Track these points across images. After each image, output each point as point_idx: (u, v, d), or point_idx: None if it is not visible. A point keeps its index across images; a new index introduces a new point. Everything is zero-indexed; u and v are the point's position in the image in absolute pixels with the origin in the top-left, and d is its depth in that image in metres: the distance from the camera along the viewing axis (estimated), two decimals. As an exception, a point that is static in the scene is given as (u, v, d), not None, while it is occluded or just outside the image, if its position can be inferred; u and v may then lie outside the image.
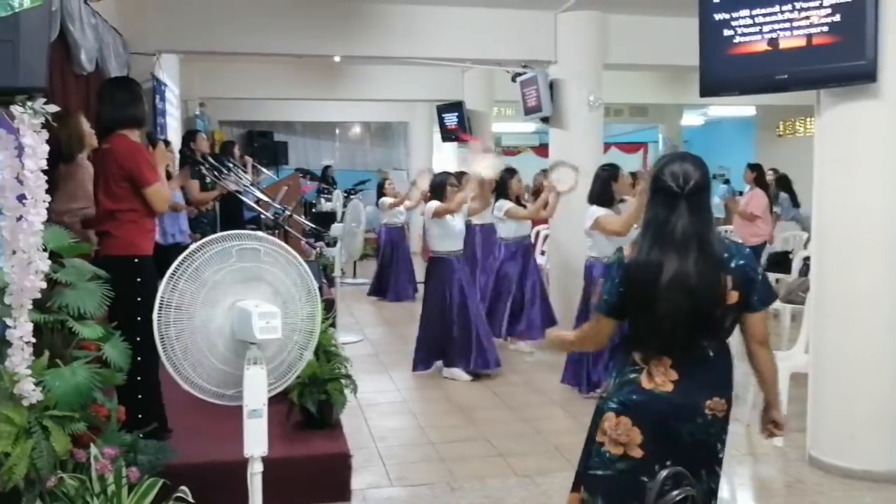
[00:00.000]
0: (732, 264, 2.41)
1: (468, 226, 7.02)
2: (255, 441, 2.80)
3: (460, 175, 6.93)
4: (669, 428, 2.41)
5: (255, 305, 2.74)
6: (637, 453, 2.41)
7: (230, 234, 2.91)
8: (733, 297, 2.40)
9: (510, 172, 7.36)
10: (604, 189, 5.54)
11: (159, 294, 2.72)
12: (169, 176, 4.31)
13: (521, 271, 7.19)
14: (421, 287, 7.25)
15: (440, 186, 6.38)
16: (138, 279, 3.76)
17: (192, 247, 2.83)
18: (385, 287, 10.13)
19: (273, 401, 2.94)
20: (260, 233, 3.12)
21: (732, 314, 2.44)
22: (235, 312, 2.79)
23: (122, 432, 3.21)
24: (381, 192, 10.88)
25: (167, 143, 6.40)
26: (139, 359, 3.66)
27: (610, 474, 2.45)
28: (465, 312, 6.18)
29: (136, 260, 3.79)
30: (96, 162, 3.94)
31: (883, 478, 4.15)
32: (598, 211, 5.46)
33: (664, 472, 2.31)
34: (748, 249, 2.54)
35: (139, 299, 3.70)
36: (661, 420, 2.41)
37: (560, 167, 6.92)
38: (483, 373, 6.24)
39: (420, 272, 8.76)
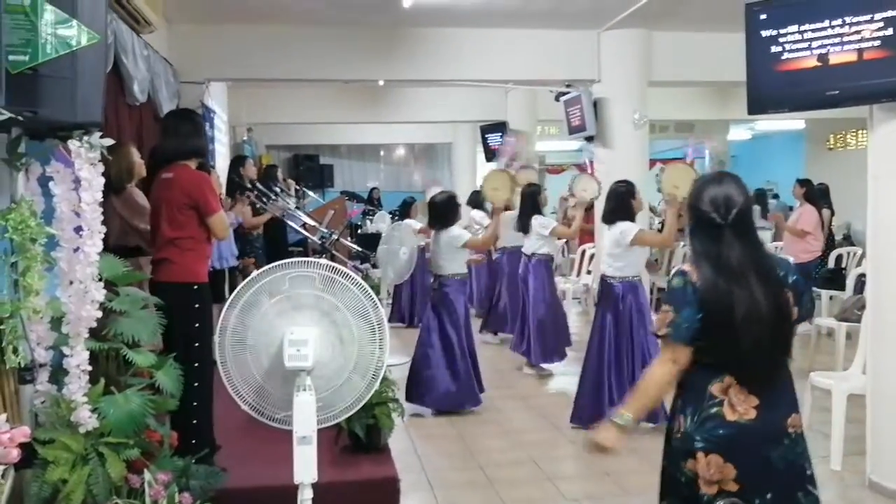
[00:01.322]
0: (790, 280, 2.40)
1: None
2: (305, 468, 2.81)
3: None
4: (761, 456, 2.33)
5: (291, 333, 2.77)
6: (732, 487, 2.32)
7: (287, 263, 2.99)
8: (795, 312, 2.39)
9: (538, 188, 7.56)
10: (624, 204, 5.39)
11: (220, 318, 2.79)
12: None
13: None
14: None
15: (453, 206, 6.13)
16: (196, 305, 3.85)
17: (254, 274, 2.91)
18: (407, 313, 9.63)
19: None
20: (315, 259, 3.18)
21: (794, 329, 2.43)
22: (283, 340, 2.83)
23: (175, 458, 3.26)
24: (406, 213, 9.98)
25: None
26: (196, 385, 3.75)
27: None
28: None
29: (195, 287, 3.87)
30: (158, 191, 3.98)
31: (948, 504, 4.02)
32: (632, 226, 5.30)
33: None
34: (792, 262, 2.51)
35: (197, 325, 3.79)
36: (753, 450, 2.33)
37: (581, 178, 7.12)
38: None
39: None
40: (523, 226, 7.44)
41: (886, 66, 3.99)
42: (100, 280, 2.89)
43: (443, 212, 6.07)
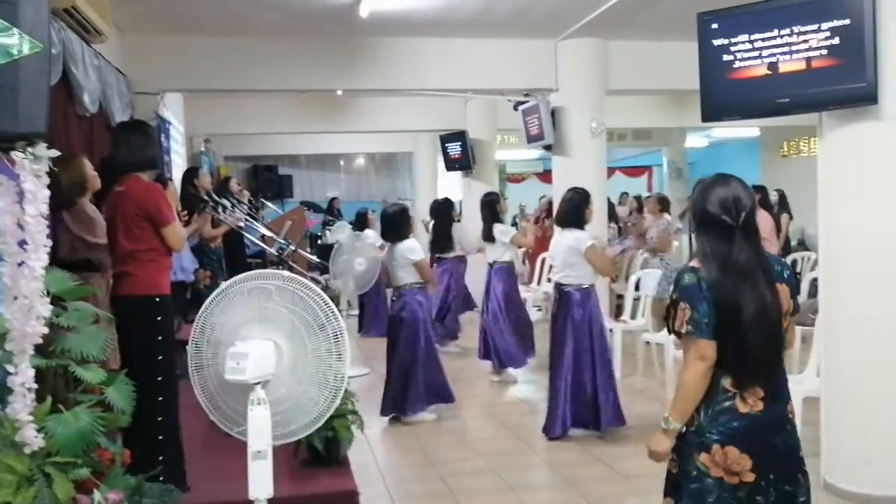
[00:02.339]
0: (785, 275, 2.49)
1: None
2: (261, 483, 2.77)
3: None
4: (769, 444, 2.43)
5: (233, 345, 2.76)
6: (750, 478, 2.41)
7: (246, 275, 2.99)
8: (790, 305, 2.48)
9: (496, 196, 7.73)
10: (579, 212, 5.41)
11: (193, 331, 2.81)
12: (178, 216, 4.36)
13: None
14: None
15: (405, 219, 6.11)
16: (159, 318, 3.79)
17: (224, 285, 2.93)
18: (369, 323, 9.66)
19: (278, 438, 2.93)
20: (273, 271, 3.16)
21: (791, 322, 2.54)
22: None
23: (127, 475, 3.18)
24: (362, 224, 9.85)
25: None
26: (160, 399, 3.71)
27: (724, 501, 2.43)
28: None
29: (157, 299, 3.81)
30: (111, 204, 3.93)
31: (901, 503, 4.08)
32: (585, 238, 5.31)
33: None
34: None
35: (160, 338, 3.75)
36: (762, 439, 2.42)
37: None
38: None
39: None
40: (486, 234, 7.47)
41: (834, 74, 4.06)
42: (46, 295, 2.81)
43: (395, 224, 6.05)
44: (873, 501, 4.12)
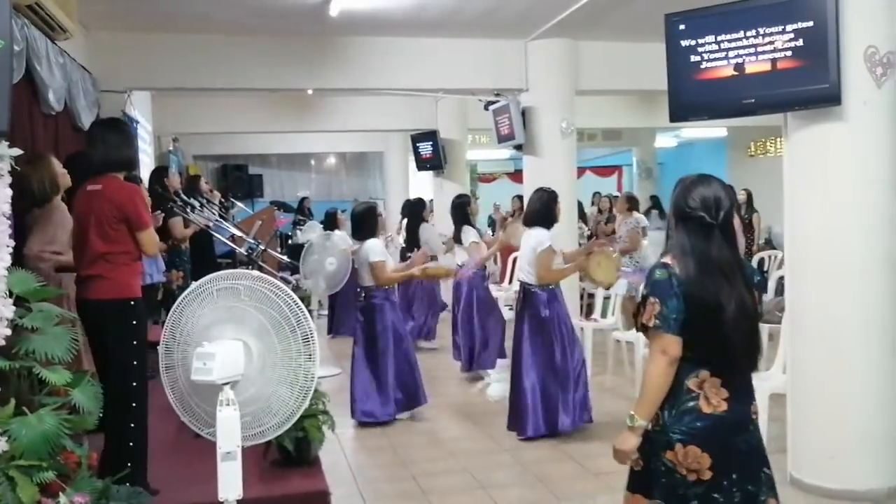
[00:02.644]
0: (756, 278, 2.55)
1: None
2: (230, 485, 2.75)
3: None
4: (730, 444, 2.46)
5: (201, 346, 2.74)
6: (707, 476, 2.44)
7: (215, 275, 2.97)
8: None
9: (467, 199, 7.76)
10: (546, 211, 5.44)
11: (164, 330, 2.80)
12: None
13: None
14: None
15: (371, 218, 6.05)
16: (133, 322, 3.70)
17: (193, 286, 2.90)
18: (339, 323, 9.58)
19: (248, 438, 2.92)
20: (241, 270, 3.14)
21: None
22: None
23: (94, 478, 3.14)
24: (332, 224, 9.66)
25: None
26: (133, 405, 3.65)
27: (689, 497, 2.47)
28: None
29: (131, 302, 3.71)
30: (83, 203, 3.79)
31: (864, 497, 4.15)
32: (545, 240, 5.29)
33: None
34: None
35: (134, 342, 3.67)
36: (724, 439, 2.45)
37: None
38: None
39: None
40: (456, 237, 7.48)
41: (799, 75, 4.13)
42: (10, 296, 2.78)
43: (362, 223, 6.03)
44: (836, 495, 4.19)
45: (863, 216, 4.20)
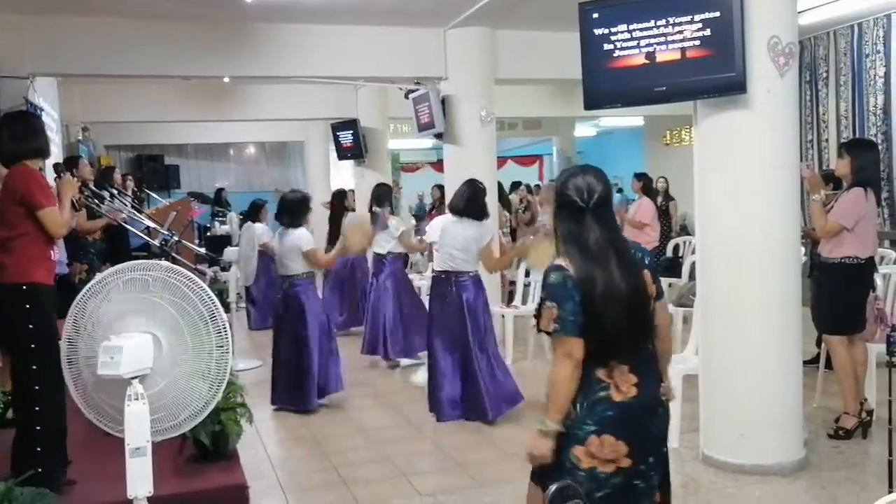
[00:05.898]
0: (646, 261, 2.59)
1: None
2: (140, 481, 2.68)
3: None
4: (643, 428, 2.50)
5: (108, 339, 2.68)
6: (626, 463, 2.46)
7: (126, 266, 2.94)
8: (653, 290, 2.57)
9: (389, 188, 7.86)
10: (479, 202, 5.54)
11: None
12: (74, 206, 4.20)
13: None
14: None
15: (304, 207, 6.01)
16: (27, 305, 3.64)
17: (100, 275, 2.83)
18: (259, 315, 9.34)
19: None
20: (151, 261, 3.06)
21: (654, 305, 2.60)
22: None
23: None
24: (255, 215, 8.91)
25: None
26: (36, 388, 3.61)
27: (609, 492, 2.46)
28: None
29: (24, 287, 3.65)
30: None
31: (771, 471, 4.32)
32: (491, 231, 5.44)
33: (553, 487, 2.32)
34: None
35: (31, 327, 3.63)
36: (637, 424, 2.48)
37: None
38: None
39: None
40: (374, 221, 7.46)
41: (707, 64, 4.23)
42: None
43: (293, 210, 5.96)
44: (746, 470, 4.34)
45: (766, 200, 4.34)
